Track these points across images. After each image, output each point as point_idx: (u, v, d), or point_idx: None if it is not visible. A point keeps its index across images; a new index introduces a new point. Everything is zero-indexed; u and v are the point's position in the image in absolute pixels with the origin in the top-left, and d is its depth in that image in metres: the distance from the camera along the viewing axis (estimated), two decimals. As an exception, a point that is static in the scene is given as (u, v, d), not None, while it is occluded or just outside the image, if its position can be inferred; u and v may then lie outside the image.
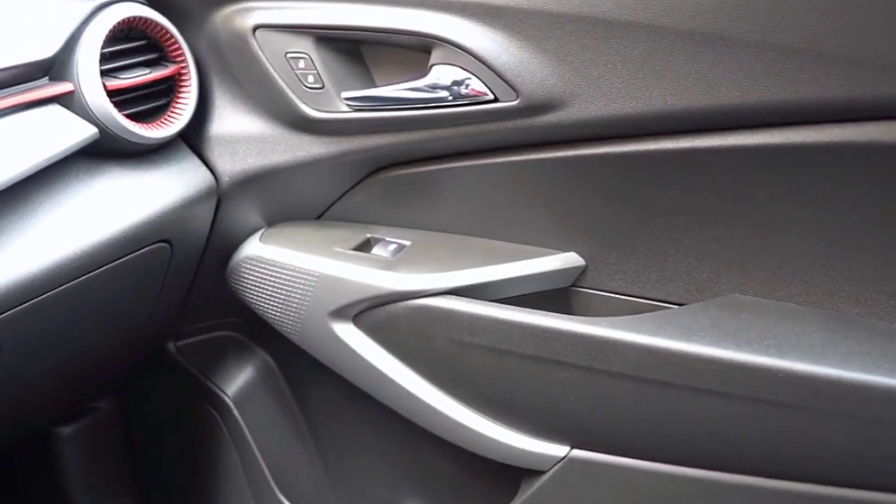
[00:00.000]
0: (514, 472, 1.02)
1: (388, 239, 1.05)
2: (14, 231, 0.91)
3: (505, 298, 0.96)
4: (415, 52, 0.94)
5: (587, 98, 0.85)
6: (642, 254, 0.93)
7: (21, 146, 0.92)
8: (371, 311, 1.00)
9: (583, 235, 0.95)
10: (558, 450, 0.97)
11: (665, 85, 0.81)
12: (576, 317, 0.90)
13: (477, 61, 0.88)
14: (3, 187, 0.88)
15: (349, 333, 1.03)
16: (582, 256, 0.97)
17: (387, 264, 0.99)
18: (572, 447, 0.96)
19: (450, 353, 0.97)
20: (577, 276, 0.98)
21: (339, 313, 1.02)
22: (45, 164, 0.92)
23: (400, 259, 1.00)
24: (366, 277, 0.99)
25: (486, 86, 0.89)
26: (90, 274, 0.97)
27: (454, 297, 0.95)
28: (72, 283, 0.95)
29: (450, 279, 0.96)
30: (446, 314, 0.95)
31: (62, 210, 0.96)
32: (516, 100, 0.88)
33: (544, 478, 0.99)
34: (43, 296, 0.93)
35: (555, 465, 0.97)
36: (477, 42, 0.88)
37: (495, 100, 0.89)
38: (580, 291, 0.98)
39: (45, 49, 0.95)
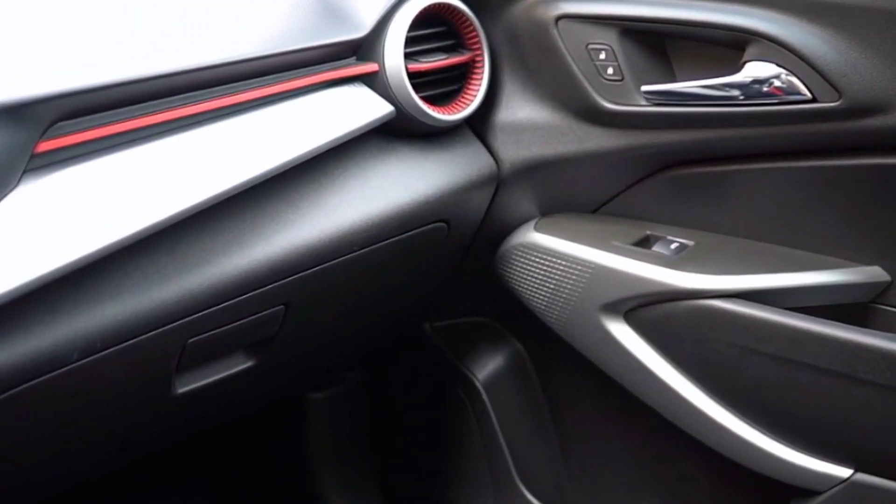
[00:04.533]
0: (783, 491, 0.98)
1: (669, 237, 1.03)
2: (310, 200, 0.97)
3: (793, 308, 0.93)
4: (722, 47, 0.92)
5: None
6: None
7: (326, 120, 0.97)
8: (645, 309, 0.99)
9: (892, 249, 0.90)
10: (840, 471, 0.92)
11: None
12: (881, 332, 0.86)
13: (797, 59, 0.85)
14: (308, 158, 0.94)
15: (619, 329, 1.02)
16: (887, 271, 0.92)
17: (668, 262, 0.98)
18: (856, 470, 0.91)
19: (730, 358, 0.94)
20: (878, 292, 0.93)
21: (611, 308, 1.02)
22: (346, 139, 0.98)
23: (682, 258, 0.99)
24: (645, 273, 0.98)
25: (805, 85, 0.86)
26: (374, 246, 1.02)
27: (741, 300, 0.93)
28: (356, 253, 1.00)
29: (737, 282, 0.93)
30: (732, 317, 0.92)
31: (355, 184, 1.00)
32: (837, 101, 0.85)
33: (819, 499, 0.94)
34: (331, 262, 0.98)
35: (833, 486, 0.93)
36: (799, 39, 0.85)
37: (813, 100, 0.86)
38: (880, 309, 0.93)
39: (358, 29, 1.00)
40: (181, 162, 0.85)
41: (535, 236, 1.08)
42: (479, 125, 1.11)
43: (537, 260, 1.08)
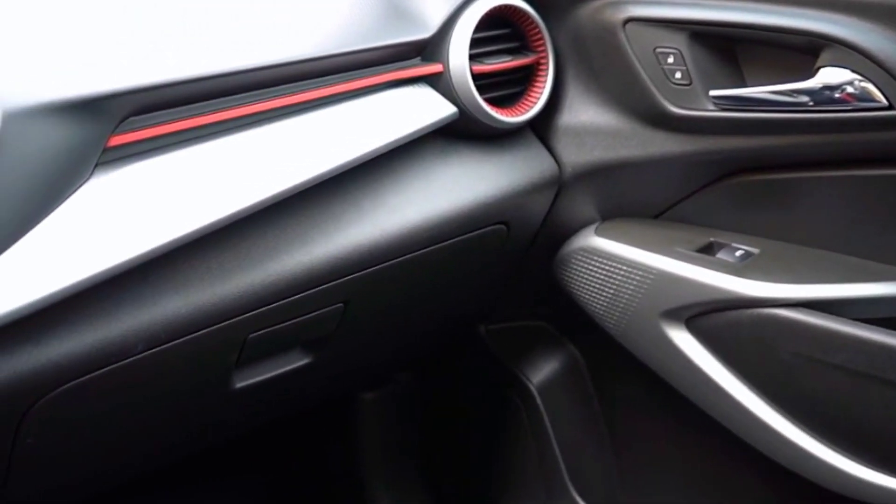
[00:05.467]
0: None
1: (733, 244, 1.01)
2: (373, 200, 0.97)
3: (861, 319, 0.91)
4: (794, 52, 0.90)
5: None
6: None
7: (390, 120, 0.97)
8: (708, 316, 0.98)
9: None
10: None
11: None
12: None
13: (874, 65, 0.83)
14: (372, 157, 0.94)
15: (680, 336, 1.00)
16: None
17: (733, 269, 0.96)
18: None
19: (794, 368, 0.92)
20: None
21: (672, 314, 1.00)
22: (409, 139, 0.98)
23: (747, 265, 0.97)
24: (709, 279, 0.96)
25: (882, 92, 0.84)
26: (434, 247, 1.02)
27: (807, 309, 0.91)
28: (416, 253, 1.00)
29: (804, 290, 0.92)
30: (798, 327, 0.91)
31: (417, 184, 1.01)
32: None
33: None
34: (391, 261, 0.98)
35: None
36: (877, 44, 0.83)
37: (889, 107, 0.84)
38: None
39: (423, 30, 1.01)
40: (249, 158, 0.86)
41: (596, 240, 1.07)
42: (542, 128, 1.10)
43: (597, 264, 1.07)
